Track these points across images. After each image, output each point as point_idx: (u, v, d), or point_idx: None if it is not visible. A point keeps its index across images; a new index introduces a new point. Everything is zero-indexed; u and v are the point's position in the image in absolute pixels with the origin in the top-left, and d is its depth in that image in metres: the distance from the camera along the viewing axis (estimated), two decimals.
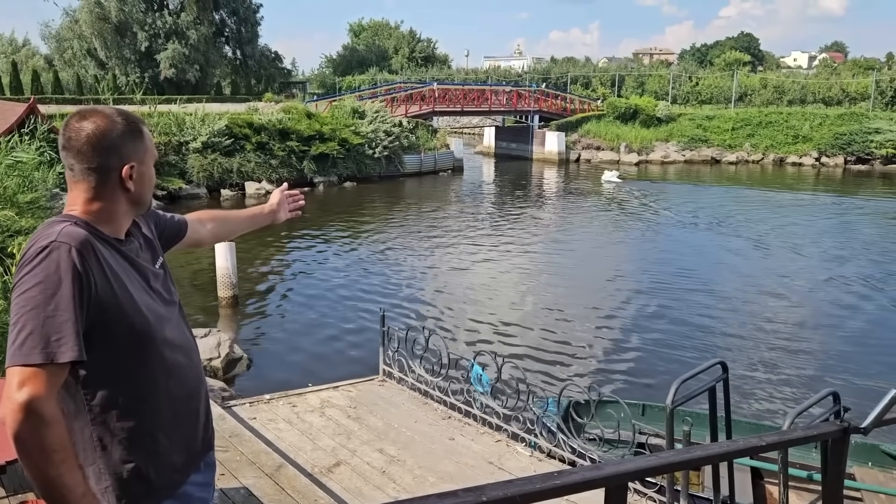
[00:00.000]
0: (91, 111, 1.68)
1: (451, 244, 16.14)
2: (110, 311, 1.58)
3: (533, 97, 35.32)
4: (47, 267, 1.50)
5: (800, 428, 2.53)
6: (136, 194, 1.73)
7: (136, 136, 1.71)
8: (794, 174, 30.39)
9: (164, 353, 1.71)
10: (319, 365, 8.75)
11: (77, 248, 1.53)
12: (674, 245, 16.41)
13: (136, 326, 1.64)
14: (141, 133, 1.73)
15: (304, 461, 4.90)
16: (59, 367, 1.49)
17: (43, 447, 1.45)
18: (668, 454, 2.10)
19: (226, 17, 46.47)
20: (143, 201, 1.77)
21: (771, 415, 7.55)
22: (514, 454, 5.34)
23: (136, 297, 1.65)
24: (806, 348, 9.68)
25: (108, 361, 1.60)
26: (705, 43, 77.75)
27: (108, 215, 1.69)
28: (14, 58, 42.89)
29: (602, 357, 9.36)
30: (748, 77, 44.37)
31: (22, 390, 1.43)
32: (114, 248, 1.68)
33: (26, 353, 1.46)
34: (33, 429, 1.44)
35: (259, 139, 23.28)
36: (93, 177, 1.66)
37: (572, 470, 1.45)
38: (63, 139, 1.66)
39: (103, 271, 1.58)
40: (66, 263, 1.51)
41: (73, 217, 1.64)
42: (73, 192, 1.69)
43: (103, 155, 1.65)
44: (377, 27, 67.71)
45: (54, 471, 1.45)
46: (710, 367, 3.87)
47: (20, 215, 8.94)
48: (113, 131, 1.67)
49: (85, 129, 1.64)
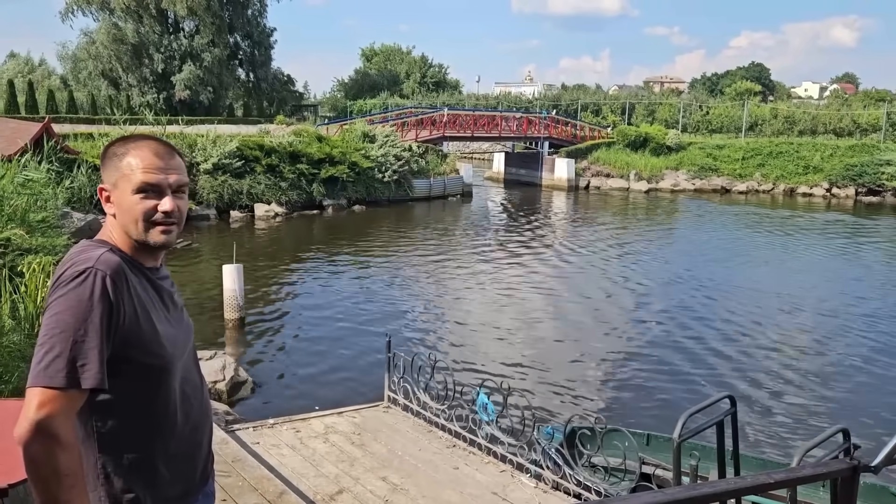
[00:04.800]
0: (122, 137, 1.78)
1: (459, 270, 16.13)
2: (132, 344, 1.58)
3: (543, 124, 35.49)
4: (81, 292, 1.51)
5: (809, 465, 2.49)
6: (120, 221, 1.69)
7: (112, 161, 1.70)
8: (804, 204, 30.33)
9: (177, 387, 1.71)
10: (324, 390, 8.70)
11: (111, 276, 1.55)
12: (685, 273, 16.33)
13: (156, 360, 1.64)
14: (115, 156, 1.69)
15: (307, 488, 4.85)
16: (81, 392, 1.50)
17: (56, 470, 1.45)
18: (675, 490, 2.06)
19: (240, 41, 47.02)
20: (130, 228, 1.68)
21: (779, 450, 7.44)
22: (519, 485, 5.27)
23: (159, 329, 1.65)
24: (815, 383, 9.57)
25: (123, 391, 1.60)
26: (716, 72, 78.12)
27: (122, 237, 1.70)
28: (30, 77, 43.51)
29: (607, 386, 9.28)
30: (759, 107, 44.46)
31: (41, 411, 1.45)
32: (143, 276, 1.68)
33: (51, 376, 1.47)
34: (48, 451, 1.44)
35: (270, 161, 23.43)
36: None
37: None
38: None
39: (133, 303, 1.59)
40: (98, 290, 1.52)
41: (109, 243, 1.66)
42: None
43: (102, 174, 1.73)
44: (389, 52, 68.36)
45: (64, 495, 1.45)
46: (717, 401, 3.82)
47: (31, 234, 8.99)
48: (106, 153, 1.72)
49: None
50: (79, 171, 17.17)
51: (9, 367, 5.34)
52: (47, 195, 12.19)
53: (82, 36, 42.99)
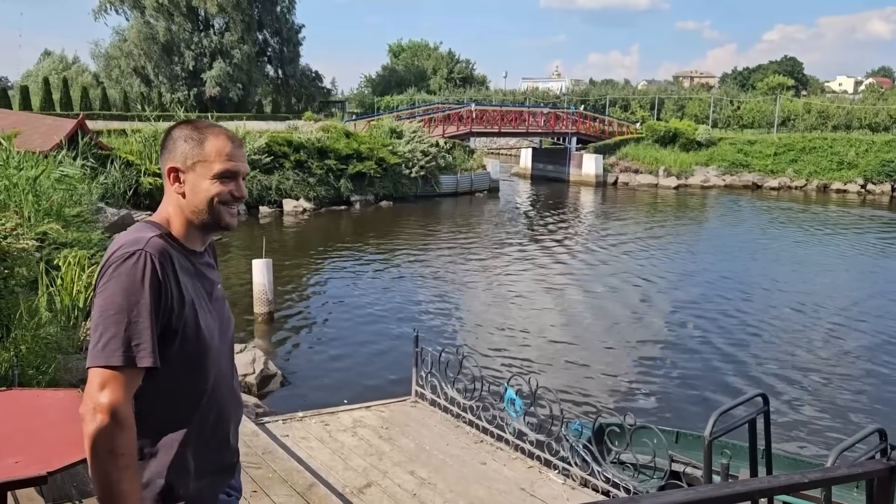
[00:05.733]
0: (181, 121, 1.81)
1: (486, 266, 16.12)
2: (175, 327, 1.62)
3: (571, 119, 35.28)
4: (132, 273, 1.56)
5: (844, 465, 2.45)
6: (188, 203, 1.74)
7: (194, 144, 1.74)
8: (838, 201, 29.78)
9: (212, 375, 1.74)
10: (352, 384, 8.76)
11: (159, 259, 1.59)
12: (716, 269, 16.14)
13: (194, 347, 1.67)
14: (201, 143, 1.73)
15: (335, 481, 4.89)
16: (137, 371, 1.55)
17: (112, 449, 1.50)
18: (707, 489, 2.05)
19: (269, 37, 47.43)
20: (196, 211, 1.74)
21: (812, 450, 7.33)
22: (547, 481, 5.27)
23: (199, 315, 1.69)
24: (851, 382, 9.40)
25: (160, 376, 1.62)
26: (747, 67, 76.83)
27: (179, 221, 1.75)
28: (65, 74, 44.33)
29: (636, 382, 9.22)
30: (791, 102, 43.71)
31: (103, 392, 1.50)
32: (189, 261, 1.73)
33: (108, 355, 1.52)
34: (107, 430, 1.49)
35: (298, 157, 23.60)
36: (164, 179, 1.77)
37: (607, 501, 1.43)
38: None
39: (178, 288, 1.63)
40: (149, 272, 1.57)
41: (159, 227, 1.71)
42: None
43: (163, 158, 1.76)
44: (416, 48, 68.39)
45: (117, 474, 1.51)
46: (750, 399, 3.78)
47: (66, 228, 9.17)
48: (172, 136, 1.75)
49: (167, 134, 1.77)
50: (112, 167, 17.44)
51: (46, 358, 5.47)
52: (82, 190, 12.42)
53: (114, 34, 43.75)
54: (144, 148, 19.62)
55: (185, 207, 1.74)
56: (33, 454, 2.88)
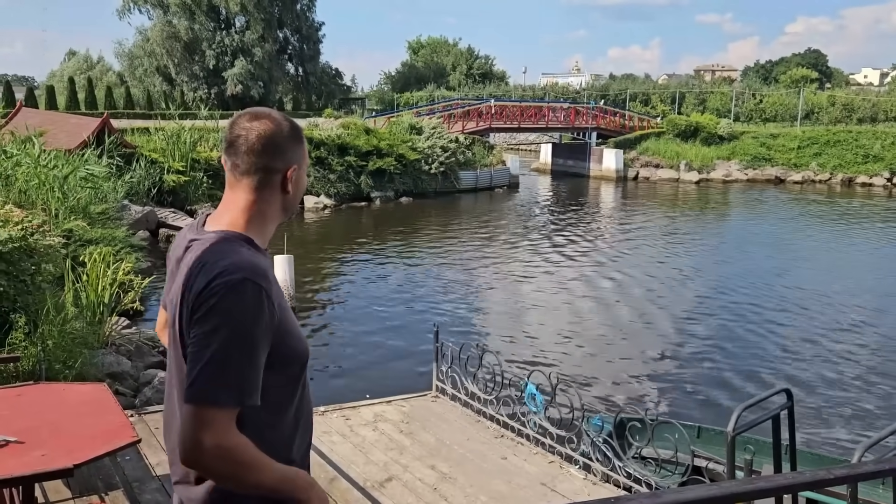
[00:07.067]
0: (261, 112, 1.68)
1: (507, 261, 16.09)
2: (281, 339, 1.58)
3: (591, 114, 35.06)
4: (241, 304, 1.48)
5: (871, 462, 2.42)
6: (292, 197, 1.74)
7: (298, 140, 1.71)
8: (863, 194, 29.33)
9: (305, 373, 1.74)
10: (373, 379, 8.80)
11: (265, 285, 1.52)
12: (740, 262, 15.97)
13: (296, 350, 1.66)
14: (302, 137, 1.73)
15: (357, 475, 4.92)
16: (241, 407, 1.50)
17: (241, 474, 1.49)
18: (730, 484, 2.03)
19: (289, 35, 47.68)
20: (294, 206, 1.79)
21: (837, 447, 7.24)
22: (568, 476, 5.26)
23: (291, 319, 1.66)
24: (876, 378, 9.27)
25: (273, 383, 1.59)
26: (770, 59, 75.81)
27: (263, 221, 1.70)
28: (89, 74, 44.87)
29: (657, 377, 9.16)
30: (815, 94, 43.08)
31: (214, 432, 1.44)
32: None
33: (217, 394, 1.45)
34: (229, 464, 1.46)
35: (318, 154, 23.70)
36: (257, 177, 1.65)
37: (629, 497, 1.42)
38: (231, 137, 1.66)
39: (279, 302, 1.59)
40: (258, 304, 1.50)
41: (242, 236, 1.63)
42: (233, 193, 1.68)
43: (270, 155, 1.65)
44: (435, 45, 68.27)
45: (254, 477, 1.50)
46: (774, 395, 3.74)
47: (91, 226, 9.31)
48: (281, 132, 1.66)
49: (256, 128, 1.64)
50: (137, 165, 17.64)
51: (72, 353, 5.56)
52: (108, 188, 12.57)
53: (137, 34, 44.22)
54: (168, 146, 19.81)
55: (289, 205, 1.75)
56: (60, 447, 2.92)
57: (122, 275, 7.39)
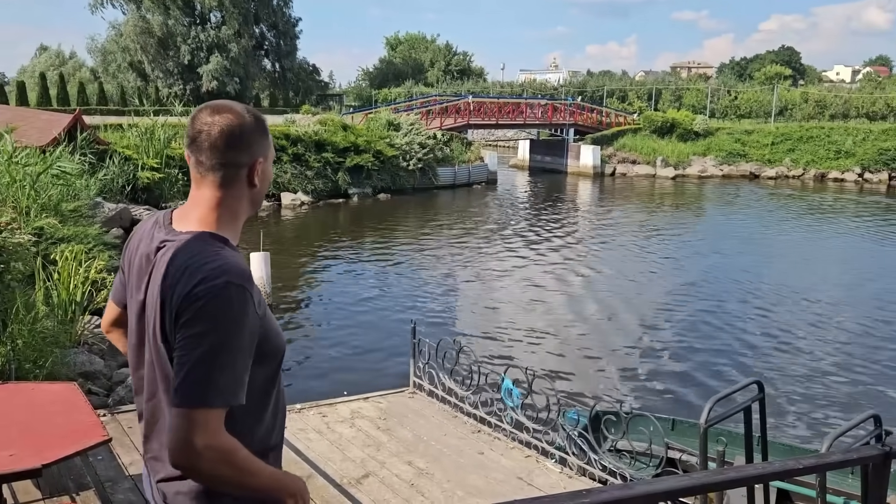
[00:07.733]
0: (222, 106, 1.63)
1: (484, 257, 16.12)
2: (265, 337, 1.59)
3: (568, 111, 35.22)
4: (225, 311, 1.47)
5: (839, 451, 2.46)
6: (259, 191, 1.69)
7: (262, 132, 1.67)
8: (835, 189, 29.79)
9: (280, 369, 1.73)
10: (350, 375, 8.78)
11: (248, 287, 1.52)
12: (713, 257, 16.15)
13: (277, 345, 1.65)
14: (266, 129, 1.69)
15: (334, 472, 4.90)
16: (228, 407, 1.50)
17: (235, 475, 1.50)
18: (702, 475, 2.05)
19: (265, 31, 47.28)
20: (261, 199, 1.74)
21: (807, 438, 7.35)
22: (544, 470, 5.28)
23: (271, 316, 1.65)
24: (846, 369, 9.43)
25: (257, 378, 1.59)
26: (745, 57, 76.76)
27: (233, 217, 1.66)
28: (62, 70, 44.17)
29: (632, 371, 9.24)
30: (789, 91, 43.64)
31: (205, 433, 1.44)
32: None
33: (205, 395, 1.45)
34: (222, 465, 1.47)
35: (295, 150, 23.55)
36: (222, 173, 1.61)
37: (602, 488, 1.43)
38: (193, 133, 1.60)
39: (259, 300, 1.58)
40: (241, 307, 1.49)
41: (217, 236, 1.60)
42: (200, 190, 1.64)
43: (234, 150, 1.61)
44: (413, 41, 68.22)
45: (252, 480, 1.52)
46: (745, 387, 3.79)
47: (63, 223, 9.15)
48: (245, 125, 1.62)
49: (218, 123, 1.59)
50: (110, 162, 17.40)
51: (43, 352, 5.47)
52: (80, 185, 12.38)
53: (111, 28, 43.59)
54: (142, 142, 19.55)
55: (256, 199, 1.70)
56: (28, 447, 2.88)
57: (95, 273, 7.27)
